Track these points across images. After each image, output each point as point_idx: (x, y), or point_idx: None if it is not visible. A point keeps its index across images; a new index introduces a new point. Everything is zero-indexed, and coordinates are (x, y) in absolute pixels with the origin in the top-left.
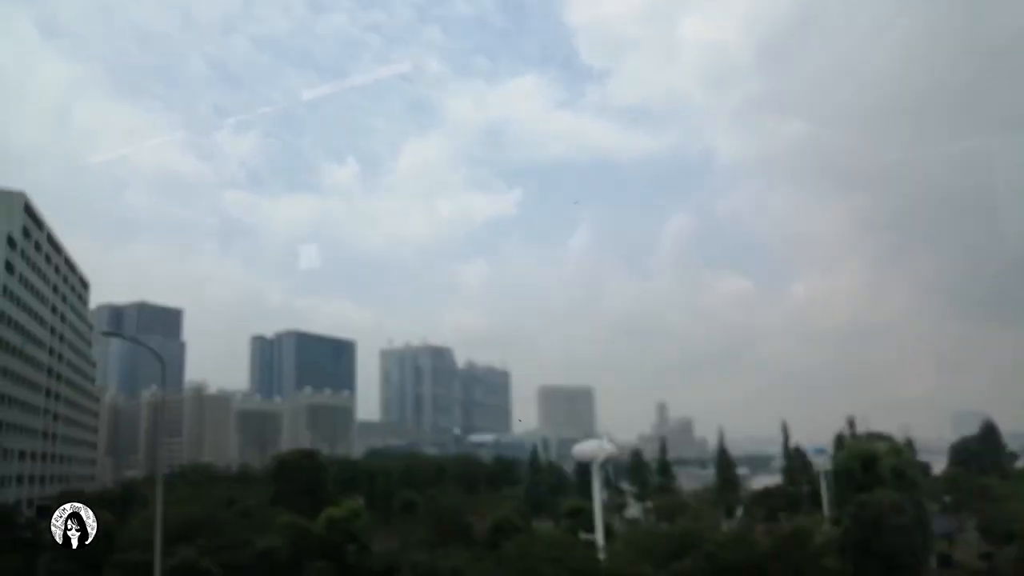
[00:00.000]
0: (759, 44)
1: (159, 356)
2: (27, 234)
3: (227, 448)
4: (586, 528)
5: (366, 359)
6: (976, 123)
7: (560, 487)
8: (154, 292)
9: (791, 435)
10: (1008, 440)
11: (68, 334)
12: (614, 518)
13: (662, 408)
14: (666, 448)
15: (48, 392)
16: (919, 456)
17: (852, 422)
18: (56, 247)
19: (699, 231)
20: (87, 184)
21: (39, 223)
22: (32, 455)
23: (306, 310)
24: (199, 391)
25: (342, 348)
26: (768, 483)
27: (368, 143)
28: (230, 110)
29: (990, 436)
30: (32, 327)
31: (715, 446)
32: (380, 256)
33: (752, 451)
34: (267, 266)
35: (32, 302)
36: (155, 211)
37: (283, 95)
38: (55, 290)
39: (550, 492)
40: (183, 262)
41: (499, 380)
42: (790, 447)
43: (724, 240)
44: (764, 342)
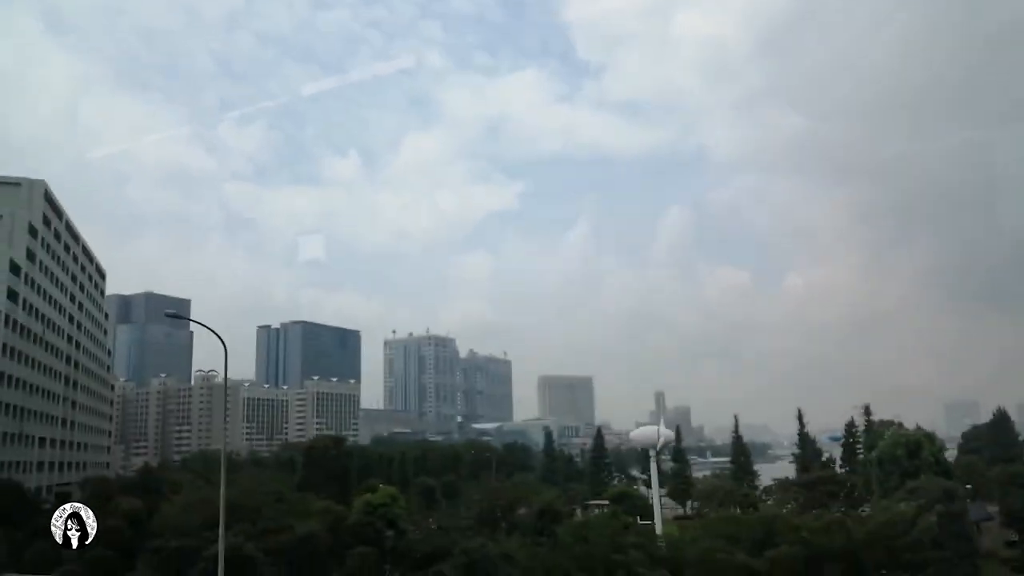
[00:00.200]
0: (756, 38)
1: (222, 340)
2: (47, 222)
3: (236, 436)
4: (631, 514)
5: (369, 349)
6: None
7: (573, 474)
8: (160, 283)
9: (781, 423)
10: None
11: (86, 322)
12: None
13: (660, 397)
14: (680, 435)
15: (67, 380)
16: None
17: (868, 410)
18: (74, 236)
19: (696, 224)
20: (93, 177)
21: (58, 212)
22: (51, 442)
23: (310, 301)
24: (208, 380)
25: (347, 337)
26: (766, 471)
27: (370, 137)
28: (234, 105)
29: (1002, 425)
30: (52, 315)
31: (711, 435)
32: (383, 248)
33: (747, 440)
34: (271, 258)
35: (52, 290)
36: (160, 204)
37: (286, 90)
38: (73, 279)
39: (565, 479)
40: (188, 254)
41: (501, 369)
42: (805, 435)
43: (721, 233)
44: (760, 333)
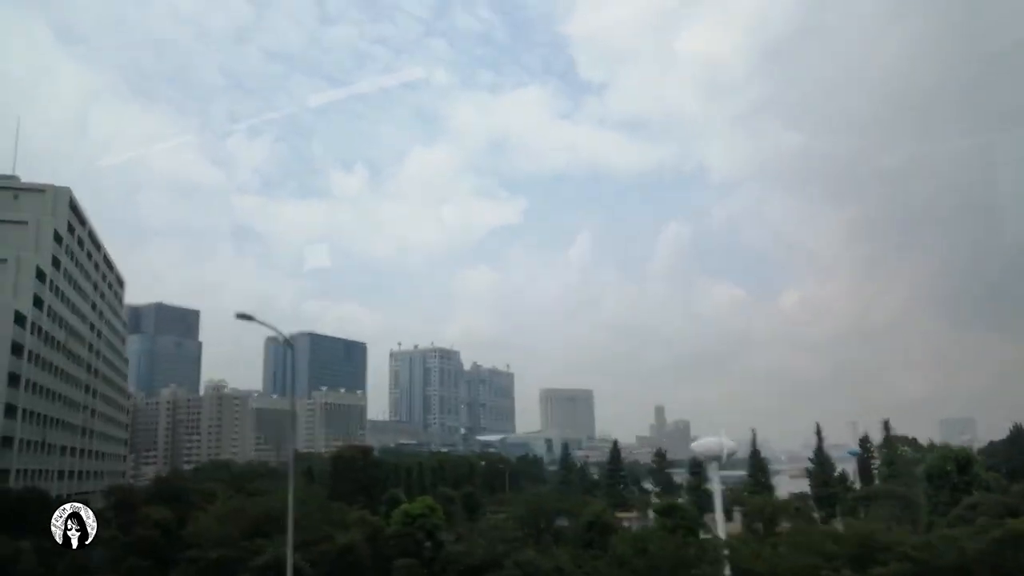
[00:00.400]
0: (756, 55)
1: (291, 345)
2: (71, 229)
3: (245, 446)
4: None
5: (373, 361)
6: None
7: (589, 486)
8: (167, 293)
9: (779, 438)
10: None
11: (105, 331)
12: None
13: (660, 411)
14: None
15: (87, 388)
16: None
17: (887, 425)
18: (96, 244)
19: (695, 239)
20: (102, 188)
21: (82, 219)
22: (71, 450)
23: (316, 313)
24: (218, 390)
25: (353, 349)
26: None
27: (376, 151)
28: (242, 117)
29: (1019, 441)
30: (74, 322)
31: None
32: (386, 261)
33: (745, 454)
34: (278, 270)
35: (74, 297)
36: (168, 214)
37: (293, 104)
38: (95, 287)
39: (583, 491)
40: (195, 265)
41: (503, 382)
42: (823, 450)
43: (720, 248)
44: (758, 349)
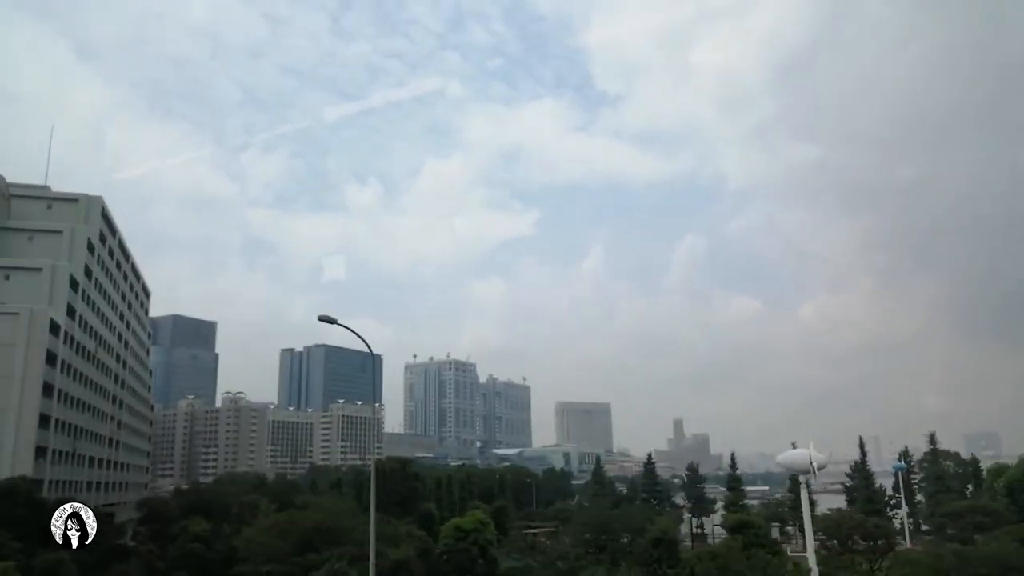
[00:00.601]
0: (773, 68)
1: (371, 349)
2: (103, 239)
3: (261, 458)
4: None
5: (386, 374)
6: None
7: (617, 500)
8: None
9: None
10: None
11: (132, 342)
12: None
13: (678, 425)
14: (735, 463)
15: (114, 399)
16: None
17: (933, 438)
18: (125, 253)
19: (711, 252)
20: (117, 201)
21: (113, 229)
22: (99, 462)
23: (328, 326)
24: (235, 401)
25: (368, 361)
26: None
27: (389, 165)
28: (257, 132)
29: None
30: (103, 332)
31: (729, 463)
32: (400, 273)
33: (762, 468)
34: (291, 283)
35: (104, 308)
36: (183, 228)
37: (308, 119)
38: (123, 297)
39: (614, 505)
40: (210, 277)
41: (519, 394)
42: (866, 464)
43: (735, 260)
44: (775, 361)
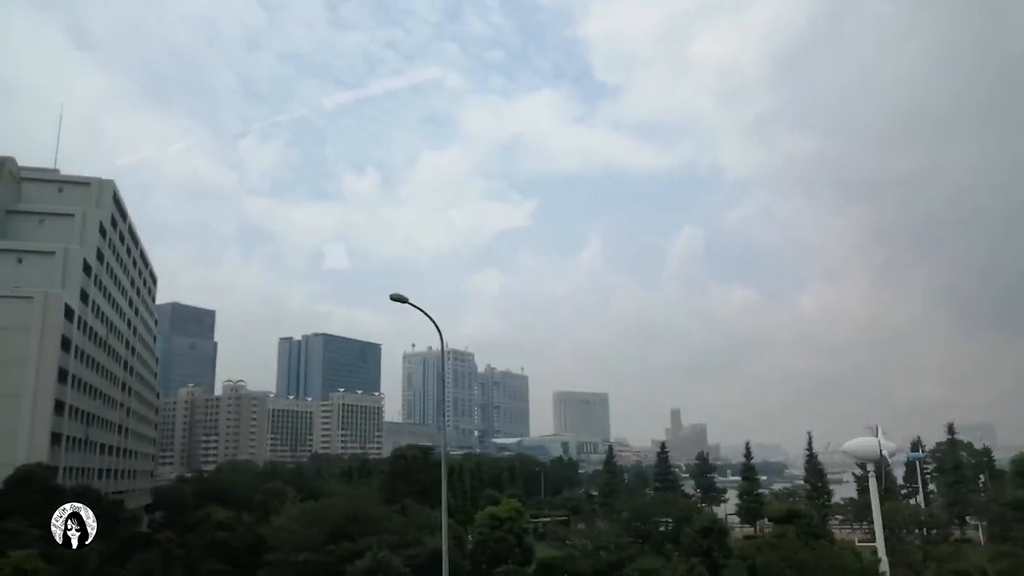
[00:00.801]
0: (772, 60)
1: (437, 326)
2: (114, 223)
3: (262, 446)
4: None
5: (385, 362)
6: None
7: (630, 489)
8: (179, 293)
9: (794, 442)
10: (1007, 452)
11: (140, 328)
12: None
13: (676, 414)
14: (750, 452)
15: (123, 386)
16: None
17: (951, 428)
18: (135, 239)
19: (708, 242)
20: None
21: (123, 213)
22: (110, 448)
23: (326, 314)
24: (236, 390)
25: (367, 350)
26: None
27: (387, 154)
28: (254, 121)
29: None
30: (114, 318)
31: (727, 454)
32: (398, 263)
33: (759, 458)
34: (289, 272)
35: (115, 293)
36: (181, 216)
37: (305, 108)
38: (132, 282)
39: (628, 494)
40: (207, 265)
41: (517, 384)
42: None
43: (733, 251)
44: (772, 352)
